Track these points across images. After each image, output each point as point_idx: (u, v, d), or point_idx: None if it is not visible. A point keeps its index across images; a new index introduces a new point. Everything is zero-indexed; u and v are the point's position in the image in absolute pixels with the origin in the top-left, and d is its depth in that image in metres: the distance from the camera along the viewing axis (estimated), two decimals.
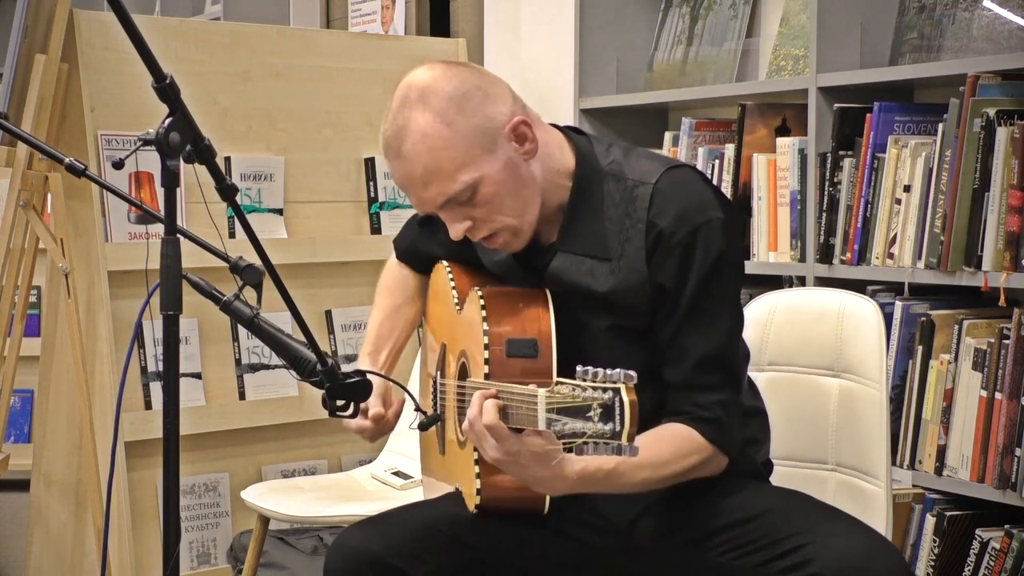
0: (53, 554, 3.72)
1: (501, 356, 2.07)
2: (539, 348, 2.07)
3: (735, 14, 3.69)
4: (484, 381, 2.05)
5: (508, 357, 2.06)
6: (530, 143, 2.09)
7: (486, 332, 2.08)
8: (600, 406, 1.68)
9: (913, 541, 2.92)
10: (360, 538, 2.14)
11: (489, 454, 1.93)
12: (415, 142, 2.04)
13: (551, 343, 2.07)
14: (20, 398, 4.88)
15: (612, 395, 1.68)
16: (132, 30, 1.93)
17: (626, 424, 1.67)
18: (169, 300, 1.98)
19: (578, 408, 1.71)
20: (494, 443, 1.91)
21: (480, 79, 2.10)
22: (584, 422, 1.69)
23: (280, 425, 3.79)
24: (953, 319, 2.85)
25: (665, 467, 2.03)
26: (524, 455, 1.91)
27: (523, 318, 2.10)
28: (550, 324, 2.09)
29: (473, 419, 1.93)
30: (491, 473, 2.07)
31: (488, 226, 2.10)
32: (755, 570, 2.01)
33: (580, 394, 1.70)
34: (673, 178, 2.11)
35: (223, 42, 3.79)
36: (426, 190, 2.07)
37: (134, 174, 3.56)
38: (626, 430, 1.67)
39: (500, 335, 2.08)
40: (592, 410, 1.69)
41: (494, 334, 2.08)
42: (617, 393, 1.68)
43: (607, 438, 1.67)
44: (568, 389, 1.72)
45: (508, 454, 1.92)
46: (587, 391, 1.70)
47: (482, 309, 2.11)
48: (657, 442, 2.03)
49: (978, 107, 2.74)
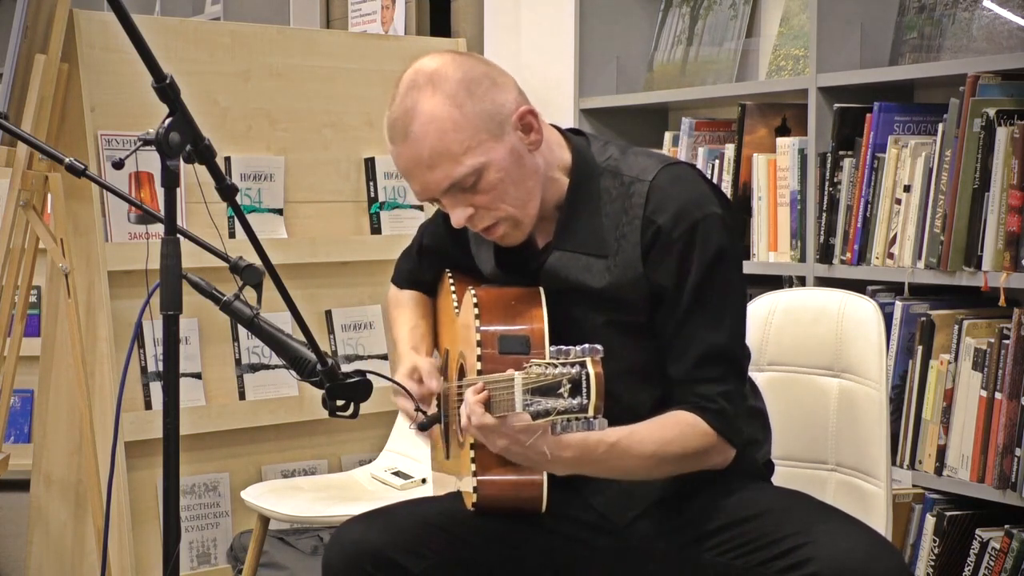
0: (53, 554, 3.72)
1: (494, 353, 2.07)
2: (531, 344, 2.07)
3: (735, 14, 3.69)
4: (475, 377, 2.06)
5: (500, 354, 2.07)
6: (535, 134, 2.10)
7: (478, 330, 2.09)
8: (569, 381, 1.73)
9: (913, 541, 2.92)
10: (359, 531, 2.14)
11: (498, 445, 1.96)
12: (423, 123, 2.04)
13: (543, 338, 2.08)
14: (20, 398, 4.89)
15: (579, 369, 1.72)
16: (132, 30, 1.93)
17: (592, 396, 1.71)
18: (169, 300, 1.98)
19: (550, 386, 1.75)
20: (493, 433, 1.94)
21: (487, 67, 2.12)
22: (555, 399, 1.74)
23: (280, 425, 3.79)
24: (953, 319, 2.85)
25: (669, 446, 2.03)
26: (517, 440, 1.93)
27: (515, 315, 2.11)
28: (543, 320, 2.09)
29: (468, 417, 1.95)
30: (487, 471, 2.07)
31: (490, 214, 2.10)
32: (754, 570, 2.02)
33: (551, 371, 1.75)
34: (670, 174, 2.11)
35: (223, 42, 3.79)
36: (432, 173, 2.06)
37: (134, 174, 3.56)
38: (592, 402, 1.71)
39: (492, 333, 2.09)
40: (563, 386, 1.73)
41: (485, 332, 2.09)
42: (584, 367, 1.72)
43: (576, 412, 1.72)
44: (540, 369, 1.76)
45: (509, 439, 1.94)
46: (557, 368, 1.74)
47: (475, 307, 2.12)
48: (661, 425, 2.03)
49: (978, 107, 2.74)
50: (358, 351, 3.95)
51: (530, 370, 1.77)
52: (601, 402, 1.70)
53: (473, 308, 2.12)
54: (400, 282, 2.51)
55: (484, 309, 2.11)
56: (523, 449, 1.95)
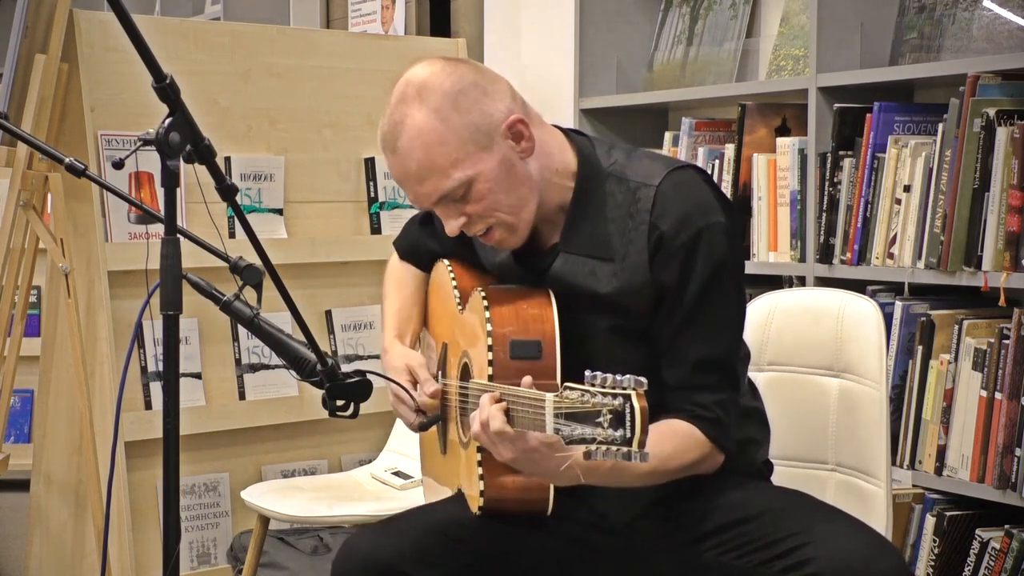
0: (53, 554, 3.72)
1: (505, 358, 2.06)
2: (543, 349, 2.07)
3: (735, 14, 3.69)
4: (488, 383, 2.05)
5: (512, 359, 2.06)
6: (526, 141, 2.09)
7: (489, 334, 2.08)
8: (610, 412, 1.68)
9: (913, 541, 2.92)
10: (368, 544, 2.14)
11: (504, 455, 1.94)
12: (410, 138, 2.05)
13: (555, 344, 2.07)
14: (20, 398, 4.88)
15: (623, 401, 1.67)
16: (132, 30, 1.93)
17: (637, 431, 1.66)
18: (169, 300, 1.98)
19: (587, 414, 1.70)
20: (507, 444, 1.92)
21: (478, 76, 2.10)
22: (593, 428, 1.69)
23: (280, 425, 3.79)
24: (953, 319, 2.85)
25: (668, 461, 2.04)
26: (537, 451, 1.91)
27: (527, 319, 2.10)
28: (554, 325, 2.09)
29: (483, 424, 1.94)
30: (494, 476, 2.06)
31: (483, 222, 2.10)
32: (755, 570, 2.02)
33: (589, 399, 1.70)
34: (675, 180, 2.11)
35: (223, 42, 3.79)
36: (421, 186, 2.07)
37: (134, 174, 3.56)
38: (637, 437, 1.66)
39: (503, 336, 2.08)
40: (602, 415, 1.68)
41: (497, 335, 2.08)
42: (628, 399, 1.67)
43: (618, 444, 1.67)
44: (576, 395, 1.72)
45: (522, 452, 1.92)
46: (596, 396, 1.69)
47: (486, 310, 2.11)
48: (660, 438, 2.03)
49: (978, 107, 2.74)
50: (358, 351, 3.95)
51: (565, 394, 1.73)
52: (646, 437, 1.67)
53: (484, 310, 2.11)
54: (400, 250, 2.51)
55: (495, 311, 2.10)
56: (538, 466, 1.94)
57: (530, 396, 1.85)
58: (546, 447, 1.90)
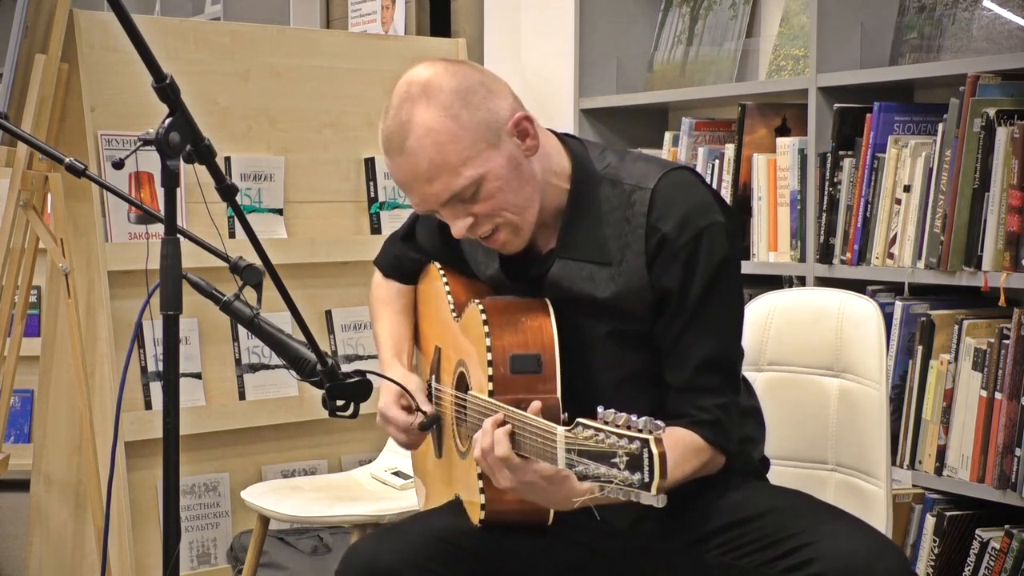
0: (53, 554, 3.72)
1: (505, 373, 2.05)
2: (543, 363, 2.05)
3: (735, 14, 3.69)
4: (489, 400, 2.04)
5: (512, 373, 2.05)
6: (532, 139, 2.09)
7: (489, 348, 2.07)
8: (627, 455, 1.66)
9: (913, 541, 2.92)
10: (371, 551, 2.14)
11: (502, 483, 1.94)
12: (419, 136, 2.03)
13: (554, 356, 2.06)
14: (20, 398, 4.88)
15: (640, 445, 1.65)
16: (132, 30, 1.93)
17: (656, 476, 1.64)
18: (169, 300, 1.98)
19: (601, 453, 1.68)
20: (508, 473, 1.92)
21: (481, 75, 2.10)
22: (608, 468, 1.67)
23: (280, 425, 3.79)
24: (953, 319, 2.85)
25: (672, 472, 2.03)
26: (539, 482, 1.91)
27: (526, 331, 2.08)
28: (553, 337, 2.07)
29: (486, 449, 1.93)
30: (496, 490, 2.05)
31: (491, 222, 2.09)
32: (757, 570, 2.01)
33: (604, 440, 1.68)
34: (672, 181, 2.10)
35: (223, 42, 3.79)
36: (430, 186, 2.05)
37: (134, 174, 3.56)
38: (656, 482, 1.65)
39: (503, 350, 2.06)
40: (617, 457, 1.66)
41: (497, 349, 2.06)
42: (645, 444, 1.65)
43: (636, 488, 1.66)
44: (590, 432, 1.70)
45: (523, 483, 1.92)
46: (611, 438, 1.67)
47: (484, 324, 2.09)
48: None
49: (978, 107, 2.74)
50: (358, 351, 3.95)
51: (577, 431, 1.72)
52: (664, 481, 1.66)
53: (482, 324, 2.09)
54: (383, 267, 2.51)
55: (493, 324, 2.08)
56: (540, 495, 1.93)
57: (539, 425, 1.84)
58: (555, 479, 1.90)
